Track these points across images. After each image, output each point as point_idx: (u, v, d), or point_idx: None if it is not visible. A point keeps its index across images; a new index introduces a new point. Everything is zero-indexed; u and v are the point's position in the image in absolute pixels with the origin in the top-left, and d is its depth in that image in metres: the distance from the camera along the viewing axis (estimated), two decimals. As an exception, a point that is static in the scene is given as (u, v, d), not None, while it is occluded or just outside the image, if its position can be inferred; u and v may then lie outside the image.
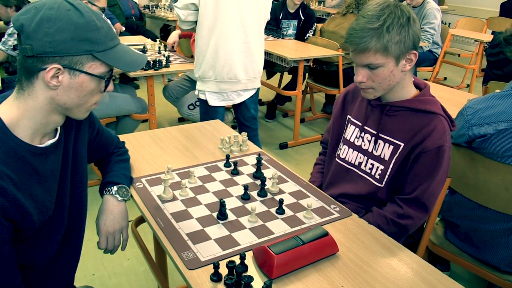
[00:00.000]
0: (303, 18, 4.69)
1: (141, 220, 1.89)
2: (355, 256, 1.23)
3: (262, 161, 1.68)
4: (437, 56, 5.16)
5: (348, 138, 1.69)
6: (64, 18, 1.03)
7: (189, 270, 1.14)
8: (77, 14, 1.05)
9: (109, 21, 1.17)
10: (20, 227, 1.08)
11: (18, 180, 1.06)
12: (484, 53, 5.65)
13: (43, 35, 1.02)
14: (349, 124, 1.71)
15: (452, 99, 2.61)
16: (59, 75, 1.05)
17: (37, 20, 1.02)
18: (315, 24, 4.73)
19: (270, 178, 1.55)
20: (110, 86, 1.18)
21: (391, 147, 1.55)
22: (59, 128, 1.21)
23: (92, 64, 1.09)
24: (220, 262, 1.11)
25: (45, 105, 1.09)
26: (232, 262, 1.09)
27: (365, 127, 1.63)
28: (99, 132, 1.45)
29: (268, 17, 2.82)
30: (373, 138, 1.60)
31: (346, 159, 1.68)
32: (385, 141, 1.56)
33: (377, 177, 1.58)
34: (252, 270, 1.16)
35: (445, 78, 6.58)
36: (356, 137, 1.66)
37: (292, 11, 4.68)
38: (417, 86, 1.59)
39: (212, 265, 1.11)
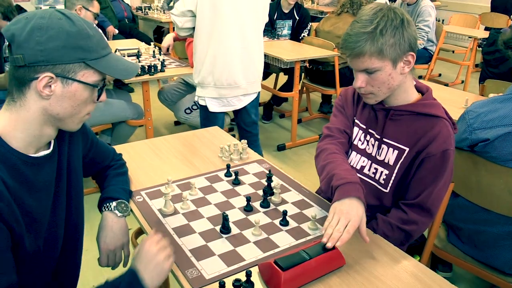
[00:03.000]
0: (297, 18, 4.67)
1: (141, 231, 1.87)
2: (361, 268, 1.22)
3: (263, 170, 1.66)
4: (432, 53, 5.15)
5: (352, 141, 1.67)
6: (56, 27, 1.02)
7: (194, 288, 1.12)
8: (68, 22, 1.04)
9: (100, 31, 1.15)
10: (15, 238, 1.04)
11: (11, 186, 1.03)
12: (478, 48, 5.66)
13: (34, 44, 1.00)
14: (354, 127, 1.68)
15: (449, 99, 2.60)
16: (52, 84, 1.03)
17: (28, 29, 1.01)
18: (310, 23, 4.71)
19: (273, 188, 1.53)
20: (103, 96, 1.16)
21: (396, 151, 1.53)
22: (52, 141, 1.18)
23: (85, 73, 1.07)
24: (225, 280, 1.09)
25: (38, 116, 1.06)
26: (238, 280, 1.07)
27: (369, 131, 1.61)
28: (93, 143, 1.42)
29: (266, 19, 2.79)
30: (377, 142, 1.58)
31: (351, 163, 1.66)
32: (388, 145, 1.55)
33: (382, 182, 1.56)
34: (259, 286, 1.13)
35: (440, 75, 6.58)
36: (360, 140, 1.64)
37: (286, 11, 4.66)
38: (418, 89, 1.58)
39: (217, 284, 1.08)
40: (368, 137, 1.61)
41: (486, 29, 6.19)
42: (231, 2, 2.51)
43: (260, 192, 1.55)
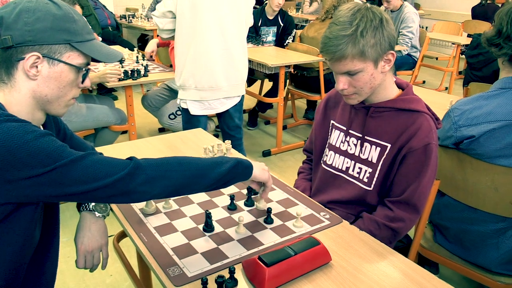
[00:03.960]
0: (282, 24, 4.68)
1: (123, 234, 1.82)
2: (348, 264, 1.19)
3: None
4: (416, 59, 5.19)
5: (333, 144, 1.66)
6: (43, 9, 1.07)
7: (176, 287, 1.08)
8: (55, 6, 1.09)
9: (85, 19, 1.17)
10: None
11: None
12: (461, 55, 5.73)
13: (22, 25, 1.04)
14: (334, 129, 1.68)
15: (434, 101, 2.60)
16: (38, 64, 1.07)
17: (17, 12, 1.05)
18: (294, 30, 4.72)
19: (253, 197, 1.47)
20: (87, 81, 1.19)
21: (378, 149, 1.52)
22: (41, 127, 1.19)
23: (71, 54, 1.11)
24: (208, 277, 1.06)
25: (29, 98, 1.09)
26: (221, 276, 1.04)
27: (350, 131, 1.60)
28: (66, 135, 1.40)
29: (251, 22, 2.77)
30: (359, 141, 1.57)
31: (333, 165, 1.65)
32: (371, 143, 1.54)
33: (365, 180, 1.55)
34: (243, 284, 1.10)
35: (424, 82, 6.64)
36: (341, 141, 1.63)
37: (271, 17, 4.66)
38: (399, 86, 1.57)
39: (200, 281, 1.05)
40: (348, 138, 1.60)
41: (469, 36, 6.27)
42: (211, 2, 2.49)
43: (244, 191, 1.52)
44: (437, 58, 6.08)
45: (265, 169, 1.31)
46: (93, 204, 1.34)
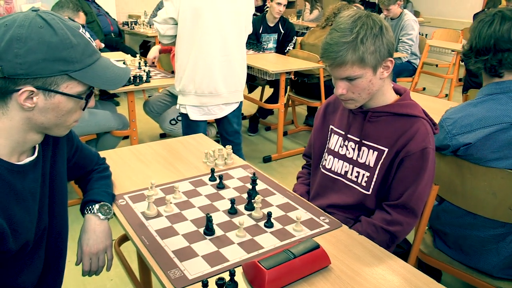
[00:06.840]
0: (283, 31, 4.71)
1: (124, 238, 1.84)
2: (347, 268, 1.20)
3: (248, 174, 1.64)
4: (416, 66, 5.22)
5: (332, 148, 1.68)
6: (36, 37, 0.97)
7: (177, 289, 1.09)
8: (49, 32, 0.98)
9: (88, 35, 1.11)
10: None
11: None
12: (461, 63, 5.75)
13: (13, 56, 0.95)
14: (332, 134, 1.70)
15: (433, 107, 2.61)
16: (33, 96, 0.99)
17: (7, 40, 0.95)
18: (295, 37, 4.75)
19: (253, 202, 1.46)
20: (91, 102, 1.12)
21: (375, 153, 1.53)
22: (37, 145, 1.15)
23: (69, 84, 1.03)
24: (209, 280, 1.06)
25: (22, 124, 1.03)
26: (222, 279, 1.05)
27: (348, 135, 1.62)
28: (77, 148, 1.40)
29: (250, 29, 2.80)
30: (357, 145, 1.59)
31: (332, 169, 1.66)
32: (368, 147, 1.55)
33: (364, 184, 1.56)
34: (243, 286, 1.11)
35: (424, 89, 6.66)
36: (340, 146, 1.65)
37: (271, 25, 4.70)
38: (396, 91, 1.60)
39: (200, 283, 1.06)
40: (347, 142, 1.62)
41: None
42: (213, 10, 2.52)
43: (245, 196, 1.53)
44: (437, 65, 6.11)
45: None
46: (97, 207, 1.36)
